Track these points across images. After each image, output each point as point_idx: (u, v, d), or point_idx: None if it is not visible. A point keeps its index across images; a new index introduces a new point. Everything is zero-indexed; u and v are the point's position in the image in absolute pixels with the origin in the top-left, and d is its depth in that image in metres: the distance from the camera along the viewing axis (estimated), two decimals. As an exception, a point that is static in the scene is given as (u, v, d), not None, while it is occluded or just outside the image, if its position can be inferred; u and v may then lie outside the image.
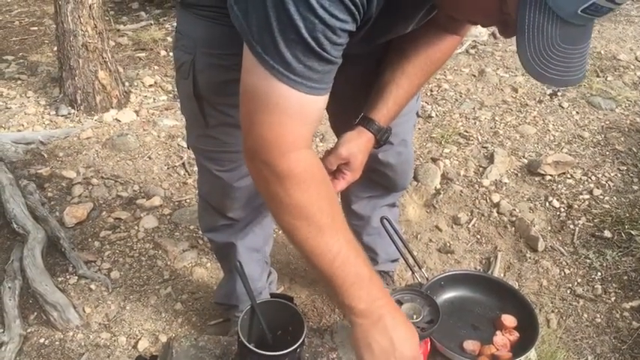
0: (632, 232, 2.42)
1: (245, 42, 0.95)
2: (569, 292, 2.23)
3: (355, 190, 1.80)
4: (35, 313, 2.08)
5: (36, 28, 4.40)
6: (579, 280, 2.26)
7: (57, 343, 1.99)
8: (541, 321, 2.09)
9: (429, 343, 1.31)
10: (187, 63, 1.32)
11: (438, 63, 1.35)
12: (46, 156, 2.92)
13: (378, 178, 1.77)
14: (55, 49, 3.33)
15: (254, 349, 1.13)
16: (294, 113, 0.96)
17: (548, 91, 3.47)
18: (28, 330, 2.02)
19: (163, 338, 2.01)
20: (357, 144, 1.31)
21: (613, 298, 2.19)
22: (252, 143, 1.00)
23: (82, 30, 3.06)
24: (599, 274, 2.28)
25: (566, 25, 0.85)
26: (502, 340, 1.37)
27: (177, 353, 1.34)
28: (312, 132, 1.03)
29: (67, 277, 2.22)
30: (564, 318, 2.13)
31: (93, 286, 2.18)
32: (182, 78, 1.37)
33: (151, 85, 3.56)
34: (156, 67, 3.76)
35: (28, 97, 3.41)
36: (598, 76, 3.63)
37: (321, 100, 0.99)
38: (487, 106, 3.34)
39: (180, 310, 2.13)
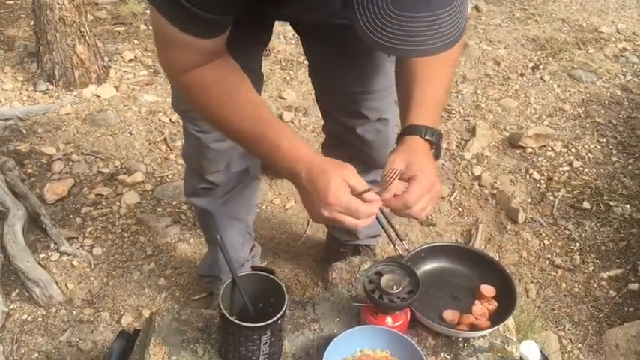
0: (611, 203, 2.46)
1: None
2: (548, 262, 2.27)
3: None
4: (17, 290, 2.07)
5: (12, 2, 4.28)
6: (558, 251, 2.30)
7: (40, 319, 1.99)
8: (520, 291, 2.13)
9: (409, 313, 1.33)
10: None
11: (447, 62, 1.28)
12: (24, 132, 2.87)
13: (356, 153, 1.77)
14: (32, 23, 3.26)
15: (235, 320, 1.14)
16: (177, 45, 1.10)
17: (530, 65, 3.48)
18: (11, 306, 2.02)
19: (147, 313, 2.02)
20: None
21: (591, 268, 2.23)
22: (160, 63, 1.24)
23: (58, 3, 2.98)
24: (578, 244, 2.32)
25: None
26: (480, 310, 1.39)
27: (160, 327, 1.34)
28: (201, 60, 1.13)
29: (49, 253, 2.20)
30: (543, 288, 2.17)
31: (75, 263, 2.18)
32: None
33: (130, 60, 3.50)
34: (136, 42, 3.69)
35: (5, 73, 3.33)
36: (579, 48, 3.64)
37: (202, 42, 1.09)
38: (469, 80, 3.34)
39: (164, 285, 2.13)
